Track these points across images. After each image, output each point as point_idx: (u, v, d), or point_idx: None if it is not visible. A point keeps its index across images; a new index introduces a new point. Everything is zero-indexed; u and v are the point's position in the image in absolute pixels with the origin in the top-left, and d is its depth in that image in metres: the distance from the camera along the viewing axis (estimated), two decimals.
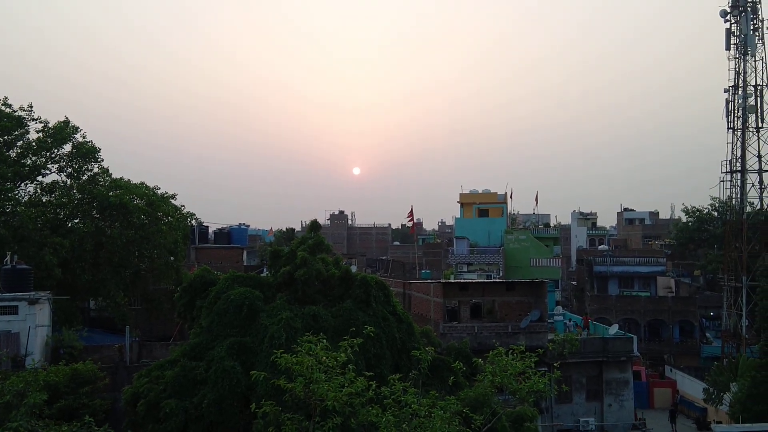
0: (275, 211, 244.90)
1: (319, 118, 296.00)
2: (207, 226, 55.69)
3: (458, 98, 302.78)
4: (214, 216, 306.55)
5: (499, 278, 56.42)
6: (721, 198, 58.16)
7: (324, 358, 14.23)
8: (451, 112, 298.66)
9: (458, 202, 72.42)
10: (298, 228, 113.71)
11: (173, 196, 40.61)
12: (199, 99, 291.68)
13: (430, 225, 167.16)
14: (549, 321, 41.11)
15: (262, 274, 30.50)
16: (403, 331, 25.24)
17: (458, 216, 73.13)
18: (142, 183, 39.21)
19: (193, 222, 48.06)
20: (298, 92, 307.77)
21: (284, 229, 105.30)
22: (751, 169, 52.31)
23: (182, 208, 42.04)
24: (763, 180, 52.07)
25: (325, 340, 15.11)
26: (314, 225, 28.51)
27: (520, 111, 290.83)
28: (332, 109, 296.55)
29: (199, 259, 47.89)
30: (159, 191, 39.67)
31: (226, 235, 55.23)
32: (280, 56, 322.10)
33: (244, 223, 64.79)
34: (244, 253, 58.58)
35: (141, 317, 39.85)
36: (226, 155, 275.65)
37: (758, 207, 53.43)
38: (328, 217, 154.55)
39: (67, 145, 36.44)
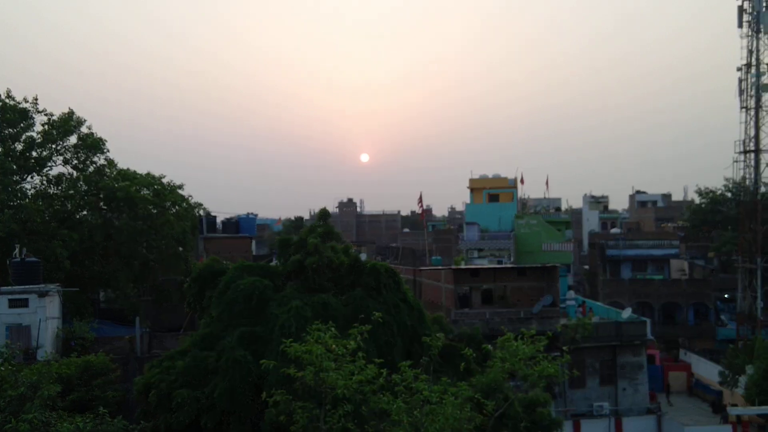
0: (283, 200, 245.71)
1: (326, 105, 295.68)
2: (215, 216, 55.62)
3: (465, 79, 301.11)
4: (222, 205, 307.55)
5: (510, 264, 56.12)
6: (735, 178, 57.65)
7: (333, 346, 14.09)
8: (459, 94, 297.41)
9: (468, 187, 71.91)
10: (306, 216, 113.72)
11: (180, 186, 40.45)
12: (204, 85, 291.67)
13: (440, 211, 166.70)
14: (561, 306, 40.84)
15: (271, 264, 30.34)
16: (414, 318, 25.06)
17: (468, 202, 72.62)
18: (149, 173, 39.10)
19: (201, 212, 47.95)
20: (305, 78, 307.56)
21: (293, 218, 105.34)
22: (765, 148, 51.57)
23: (190, 198, 41.91)
24: None
25: (334, 329, 14.94)
26: (323, 213, 28.25)
27: (529, 90, 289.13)
28: (339, 96, 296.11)
29: (207, 249, 47.89)
30: (165, 180, 39.56)
31: (234, 224, 55.14)
32: (287, 40, 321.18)
33: (252, 213, 64.63)
34: (253, 242, 58.56)
35: (151, 308, 39.89)
36: (232, 144, 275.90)
37: None
38: (337, 204, 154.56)
39: (73, 136, 36.32)
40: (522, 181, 72.77)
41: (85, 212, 36.49)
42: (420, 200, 68.72)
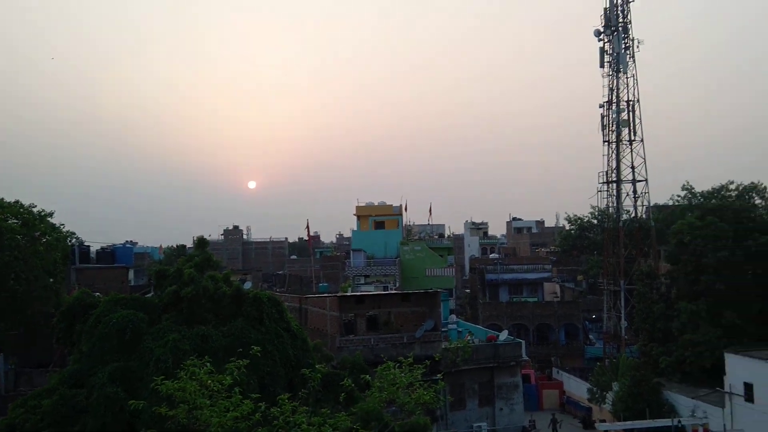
0: (166, 227, 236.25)
1: (212, 130, 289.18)
2: (89, 246, 53.33)
3: (352, 112, 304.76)
4: (100, 234, 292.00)
5: (395, 289, 57.07)
6: (600, 207, 61.65)
7: (208, 382, 13.86)
8: (347, 124, 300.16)
9: (354, 214, 72.77)
10: (189, 244, 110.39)
11: (50, 214, 38.60)
12: (79, 106, 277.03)
13: (327, 238, 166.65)
14: (443, 330, 41.97)
15: (149, 295, 29.42)
16: (297, 347, 25.03)
17: (355, 228, 73.46)
18: (17, 201, 37.03)
19: (74, 241, 45.73)
20: (190, 102, 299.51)
21: (174, 246, 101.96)
22: (625, 179, 55.75)
23: (61, 226, 39.96)
24: (637, 189, 55.61)
25: (209, 364, 14.73)
26: (201, 242, 27.81)
27: (413, 124, 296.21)
28: (226, 120, 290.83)
29: (80, 281, 45.68)
30: (35, 209, 37.55)
31: (109, 254, 53.11)
32: (170, 61, 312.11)
33: (130, 241, 62.47)
34: (131, 272, 56.42)
35: (19, 343, 37.48)
36: (111, 169, 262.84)
37: (633, 215, 56.93)
38: (222, 232, 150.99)
39: None
40: (406, 209, 74.48)
41: None
42: (307, 227, 68.84)
